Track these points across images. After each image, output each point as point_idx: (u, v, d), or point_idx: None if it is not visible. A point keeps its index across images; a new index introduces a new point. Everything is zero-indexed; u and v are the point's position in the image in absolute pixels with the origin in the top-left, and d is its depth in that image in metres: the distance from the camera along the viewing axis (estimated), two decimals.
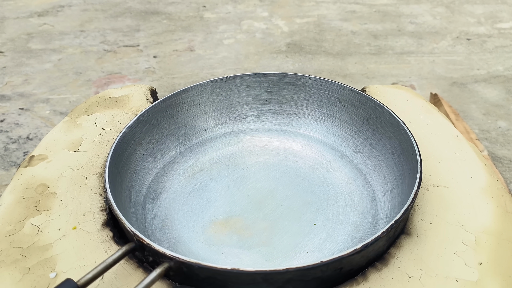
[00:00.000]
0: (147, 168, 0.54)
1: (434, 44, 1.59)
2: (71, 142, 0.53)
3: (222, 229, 0.48)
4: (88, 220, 0.42)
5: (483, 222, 0.42)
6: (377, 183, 0.52)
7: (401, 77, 1.39)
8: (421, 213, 0.43)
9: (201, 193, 0.53)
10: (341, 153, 0.57)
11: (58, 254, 0.39)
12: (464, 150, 0.52)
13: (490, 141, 1.10)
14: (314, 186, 0.54)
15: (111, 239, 0.41)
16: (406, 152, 0.48)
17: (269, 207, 0.51)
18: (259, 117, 0.62)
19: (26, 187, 0.46)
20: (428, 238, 0.40)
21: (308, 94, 0.60)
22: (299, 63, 1.50)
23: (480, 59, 1.49)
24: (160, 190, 0.53)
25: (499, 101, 1.26)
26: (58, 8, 1.96)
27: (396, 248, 0.40)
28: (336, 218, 0.49)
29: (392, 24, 1.74)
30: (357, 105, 0.56)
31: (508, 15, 1.77)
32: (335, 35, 1.67)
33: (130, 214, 0.46)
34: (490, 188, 0.46)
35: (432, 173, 0.48)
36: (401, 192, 0.47)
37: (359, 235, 0.47)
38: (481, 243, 0.40)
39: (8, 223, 0.42)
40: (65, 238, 0.41)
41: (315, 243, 0.46)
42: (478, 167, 0.49)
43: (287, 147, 0.60)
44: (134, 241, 0.37)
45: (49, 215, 0.43)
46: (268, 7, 1.93)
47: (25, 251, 0.39)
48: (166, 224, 0.49)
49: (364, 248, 0.35)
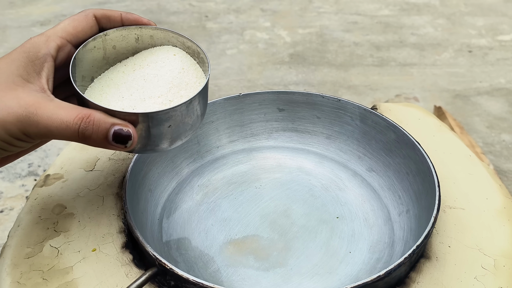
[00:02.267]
0: (162, 186, 0.54)
1: (436, 56, 1.60)
2: (87, 160, 0.53)
3: (238, 250, 0.48)
4: (108, 242, 0.42)
5: (501, 245, 0.42)
6: (392, 203, 0.52)
7: (404, 89, 1.40)
8: (439, 236, 0.43)
9: (216, 212, 0.53)
10: (354, 171, 0.58)
11: (79, 277, 0.39)
12: (477, 170, 0.52)
13: (494, 155, 1.10)
14: (328, 205, 0.54)
15: (131, 261, 0.41)
16: (422, 173, 0.48)
17: (284, 227, 0.51)
18: (271, 135, 0.63)
19: (43, 207, 0.46)
20: (447, 262, 0.41)
21: (320, 112, 0.60)
22: (302, 74, 1.51)
23: (482, 71, 1.50)
24: (175, 209, 0.53)
25: (502, 114, 1.27)
26: (60, 18, 1.97)
27: (416, 273, 0.40)
28: (351, 239, 0.49)
29: (394, 35, 1.75)
30: (370, 124, 0.57)
31: (508, 27, 1.78)
32: (338, 46, 1.68)
33: (147, 235, 0.46)
34: (506, 210, 0.46)
35: (448, 194, 0.49)
36: (417, 214, 0.47)
37: (376, 256, 0.47)
38: (500, 267, 0.40)
39: (27, 245, 0.42)
40: (85, 261, 0.41)
41: (332, 264, 0.46)
42: (493, 188, 0.49)
43: (300, 165, 0.60)
44: (156, 265, 0.37)
45: (67, 236, 0.43)
46: (270, 17, 1.94)
47: (45, 274, 0.39)
48: (182, 244, 0.49)
49: (388, 275, 0.35)
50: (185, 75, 0.41)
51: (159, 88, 0.39)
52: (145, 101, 0.38)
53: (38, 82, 0.36)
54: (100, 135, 0.34)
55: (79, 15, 0.40)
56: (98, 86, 0.41)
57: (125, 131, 0.35)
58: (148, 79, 0.41)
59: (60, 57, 0.39)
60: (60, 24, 0.39)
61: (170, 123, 0.38)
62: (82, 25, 0.40)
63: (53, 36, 0.38)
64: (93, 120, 0.34)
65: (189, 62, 0.43)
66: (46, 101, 0.35)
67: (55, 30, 0.39)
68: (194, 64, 0.43)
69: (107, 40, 0.42)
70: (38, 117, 0.34)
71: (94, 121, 0.34)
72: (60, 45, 0.38)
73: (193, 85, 0.41)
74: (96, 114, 0.34)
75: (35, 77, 0.36)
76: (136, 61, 0.43)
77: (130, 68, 0.42)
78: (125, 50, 0.44)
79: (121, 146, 0.36)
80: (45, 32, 0.39)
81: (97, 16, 0.41)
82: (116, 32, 0.42)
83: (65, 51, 0.39)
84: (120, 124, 0.35)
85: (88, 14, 0.40)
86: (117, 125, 0.35)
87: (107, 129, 0.34)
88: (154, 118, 0.36)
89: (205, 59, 0.42)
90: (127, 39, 0.43)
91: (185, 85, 0.40)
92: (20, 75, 0.35)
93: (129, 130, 0.35)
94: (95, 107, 0.35)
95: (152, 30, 0.43)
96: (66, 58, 0.39)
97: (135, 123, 0.36)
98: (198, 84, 0.41)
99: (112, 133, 0.35)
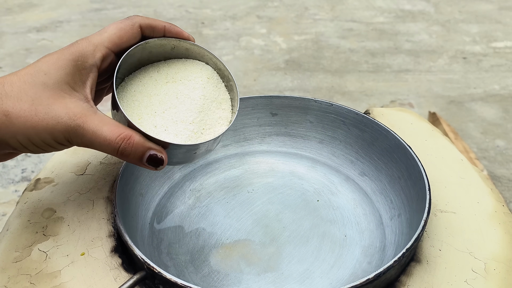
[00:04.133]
0: (153, 191, 0.54)
1: (431, 63, 1.61)
2: (77, 164, 0.53)
3: (229, 254, 0.48)
4: (97, 246, 0.42)
5: (492, 249, 0.42)
6: (384, 207, 0.52)
7: (399, 95, 1.41)
8: (430, 240, 0.43)
9: (207, 217, 0.53)
10: (347, 176, 0.58)
11: (67, 281, 0.39)
12: (469, 175, 0.52)
13: (489, 160, 1.11)
14: (320, 209, 0.54)
15: (120, 266, 0.40)
16: (413, 177, 0.48)
17: (276, 231, 0.50)
18: (264, 139, 0.63)
19: (32, 211, 0.46)
20: (438, 266, 0.41)
21: (313, 116, 0.60)
22: (297, 80, 1.51)
23: (476, 77, 1.51)
24: (166, 214, 0.53)
25: (496, 120, 1.27)
26: (57, 24, 1.97)
27: (407, 276, 0.40)
28: (343, 243, 0.49)
29: (389, 42, 1.76)
30: (362, 128, 0.57)
31: (502, 34, 1.80)
32: (333, 53, 1.69)
33: (137, 239, 0.46)
34: (497, 214, 0.46)
35: (439, 198, 0.48)
36: (409, 218, 0.47)
37: (367, 260, 0.47)
38: (491, 271, 0.40)
39: (16, 249, 0.42)
40: (74, 265, 0.40)
41: (323, 268, 0.46)
42: (484, 192, 0.49)
43: (292, 169, 0.60)
44: (144, 269, 0.37)
45: (56, 240, 0.43)
46: (266, 24, 1.95)
47: (33, 278, 0.39)
48: (173, 248, 0.48)
49: (377, 278, 0.35)
50: (217, 106, 0.44)
51: (191, 112, 0.42)
52: (177, 124, 0.41)
53: (83, 91, 0.38)
54: (136, 156, 0.37)
55: (125, 24, 0.41)
56: (130, 90, 0.43)
57: (159, 157, 0.38)
58: (180, 98, 0.42)
59: (102, 66, 0.40)
60: (106, 32, 0.40)
61: (196, 151, 0.42)
62: (128, 36, 0.41)
63: (100, 46, 0.39)
64: (133, 142, 0.37)
65: (221, 91, 0.45)
66: (91, 113, 0.37)
67: (101, 39, 0.39)
68: (225, 93, 0.46)
69: (146, 47, 0.44)
70: (84, 130, 0.36)
71: (134, 144, 0.37)
72: (105, 55, 0.39)
73: (223, 118, 0.44)
74: (136, 137, 0.37)
75: (80, 86, 0.38)
76: (169, 72, 0.45)
77: (162, 78, 0.44)
78: (159, 54, 0.45)
79: (152, 168, 0.38)
80: (91, 38, 0.39)
81: (143, 26, 0.42)
82: (157, 41, 0.44)
83: (107, 60, 0.40)
84: (156, 150, 0.38)
85: (135, 24, 0.41)
86: (152, 150, 0.38)
87: (144, 152, 0.37)
88: (184, 148, 0.40)
89: (234, 88, 0.45)
90: (164, 47, 0.45)
91: (217, 117, 0.43)
92: (67, 83, 0.37)
93: (162, 156, 0.38)
94: (135, 128, 0.38)
95: (189, 45, 0.45)
96: (107, 66, 0.41)
97: (167, 148, 0.39)
98: (226, 118, 0.44)
99: (147, 156, 0.37)
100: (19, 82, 0.36)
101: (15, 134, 0.36)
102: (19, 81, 0.36)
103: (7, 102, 0.35)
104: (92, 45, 0.39)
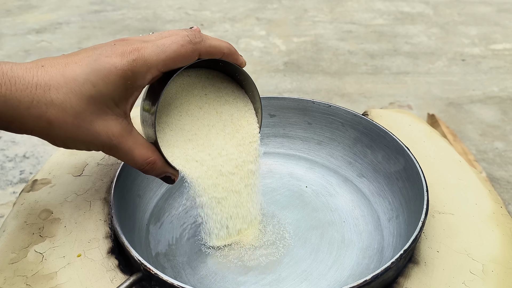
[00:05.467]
0: (151, 192, 0.53)
1: (430, 65, 1.61)
2: (75, 166, 0.52)
3: (227, 255, 0.47)
4: (93, 247, 0.42)
5: (490, 250, 0.42)
6: (382, 208, 0.52)
7: (398, 97, 1.41)
8: (428, 241, 0.43)
9: None
10: (345, 177, 0.58)
11: (63, 283, 0.38)
12: (467, 176, 0.52)
13: (487, 162, 1.11)
14: (319, 210, 0.53)
15: (116, 267, 0.40)
16: (412, 179, 0.48)
17: (274, 233, 0.50)
18: (262, 140, 0.62)
19: (29, 212, 0.46)
20: (435, 267, 0.40)
21: (312, 118, 0.60)
22: (296, 82, 1.51)
23: (475, 79, 1.51)
24: (164, 215, 0.52)
25: (495, 121, 1.27)
26: (56, 25, 1.97)
27: (404, 278, 0.40)
28: (341, 244, 0.49)
29: (388, 44, 1.76)
30: (361, 129, 0.57)
31: (501, 37, 1.80)
32: (332, 55, 1.69)
33: (134, 241, 0.46)
34: (495, 215, 0.46)
35: (437, 199, 0.48)
36: (407, 219, 0.47)
37: (366, 262, 0.46)
38: (489, 272, 0.40)
39: (12, 250, 0.42)
40: (70, 266, 0.40)
41: (321, 270, 0.46)
42: (482, 193, 0.49)
43: (290, 171, 0.60)
44: (141, 270, 0.37)
45: (53, 242, 0.42)
46: (266, 26, 1.95)
47: (29, 279, 0.39)
48: (170, 250, 0.48)
49: (375, 279, 0.35)
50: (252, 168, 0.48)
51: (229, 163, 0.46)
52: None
53: (124, 107, 0.39)
54: (153, 175, 0.42)
55: (186, 50, 0.38)
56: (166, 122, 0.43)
57: (172, 178, 0.43)
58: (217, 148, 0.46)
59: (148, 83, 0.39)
60: (165, 53, 0.38)
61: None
62: (184, 62, 0.39)
63: (153, 69, 0.38)
64: (156, 167, 0.41)
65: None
66: (127, 134, 0.39)
67: (157, 61, 0.37)
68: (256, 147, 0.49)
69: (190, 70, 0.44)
70: (118, 149, 0.39)
71: (156, 168, 0.41)
72: (155, 77, 0.39)
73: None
74: (159, 163, 0.41)
75: (123, 102, 0.39)
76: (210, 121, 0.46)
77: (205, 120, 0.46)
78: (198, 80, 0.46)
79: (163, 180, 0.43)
80: (147, 57, 0.37)
81: (202, 55, 0.40)
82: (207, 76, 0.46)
83: (155, 78, 0.39)
84: (172, 174, 0.43)
85: (195, 52, 0.39)
86: (169, 173, 0.43)
87: (162, 174, 0.42)
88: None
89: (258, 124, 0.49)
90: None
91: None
92: (113, 99, 0.37)
93: (175, 179, 0.44)
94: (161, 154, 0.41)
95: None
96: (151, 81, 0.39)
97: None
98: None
99: (163, 176, 0.43)
100: (66, 88, 0.35)
101: (53, 139, 0.38)
102: (66, 87, 0.35)
103: (51, 111, 0.35)
104: (146, 67, 0.37)
